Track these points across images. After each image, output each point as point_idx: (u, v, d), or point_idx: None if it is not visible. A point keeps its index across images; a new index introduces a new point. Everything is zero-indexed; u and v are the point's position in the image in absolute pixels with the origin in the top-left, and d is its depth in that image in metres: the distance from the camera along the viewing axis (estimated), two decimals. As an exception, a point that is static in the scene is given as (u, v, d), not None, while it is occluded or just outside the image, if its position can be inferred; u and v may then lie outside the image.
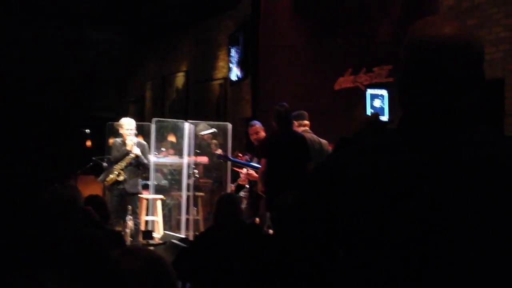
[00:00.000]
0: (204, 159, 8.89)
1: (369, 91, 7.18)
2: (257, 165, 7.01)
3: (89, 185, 9.73)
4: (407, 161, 1.23)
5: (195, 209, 8.93)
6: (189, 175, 8.52)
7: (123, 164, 7.61)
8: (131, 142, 7.59)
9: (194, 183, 8.52)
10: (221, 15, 12.05)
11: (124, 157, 7.64)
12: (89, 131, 9.20)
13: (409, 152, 1.24)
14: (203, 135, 8.52)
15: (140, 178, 7.95)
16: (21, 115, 13.49)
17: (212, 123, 9.30)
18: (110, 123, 9.91)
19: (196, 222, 8.88)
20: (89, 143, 12.92)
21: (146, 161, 7.84)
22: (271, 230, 5.08)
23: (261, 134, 7.25)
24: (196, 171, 8.44)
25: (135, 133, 7.83)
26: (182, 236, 7.87)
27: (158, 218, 8.54)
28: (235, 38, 11.07)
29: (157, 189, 8.83)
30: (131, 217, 7.95)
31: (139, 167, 7.82)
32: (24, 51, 14.76)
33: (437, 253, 1.16)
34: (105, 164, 8.45)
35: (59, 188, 6.27)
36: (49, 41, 15.16)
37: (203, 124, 9.13)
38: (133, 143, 7.61)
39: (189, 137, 8.76)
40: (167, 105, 14.40)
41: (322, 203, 1.28)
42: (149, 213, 8.62)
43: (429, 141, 1.24)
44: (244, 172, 7.59)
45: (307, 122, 6.90)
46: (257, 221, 6.84)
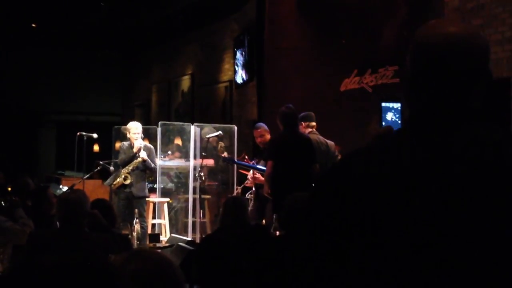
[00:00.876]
0: (210, 162, 8.90)
1: (383, 104, 7.14)
2: (263, 168, 7.01)
3: (96, 189, 9.75)
4: (411, 160, 1.22)
5: (202, 211, 8.93)
6: (195, 178, 8.53)
7: (130, 167, 7.63)
8: (139, 144, 7.62)
9: (200, 185, 8.53)
10: (226, 18, 12.06)
11: (131, 161, 7.66)
12: (96, 136, 9.21)
13: (413, 151, 1.24)
14: (209, 138, 8.52)
15: (146, 181, 7.96)
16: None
17: (218, 125, 9.31)
18: (116, 127, 9.93)
19: (202, 224, 8.88)
20: (96, 148, 12.95)
21: (153, 165, 7.85)
22: (277, 232, 5.08)
23: (266, 136, 7.25)
24: (202, 174, 8.45)
25: (141, 137, 7.86)
26: (189, 239, 7.87)
27: (164, 221, 8.55)
28: (240, 40, 11.08)
29: (164, 192, 8.84)
30: (138, 221, 7.96)
31: (146, 171, 7.84)
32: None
33: (439, 254, 1.15)
34: (112, 168, 8.47)
35: (67, 191, 6.31)
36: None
37: (209, 127, 9.14)
38: (141, 145, 7.63)
39: (195, 140, 8.77)
40: (173, 109, 14.42)
41: (330, 205, 1.28)
42: (156, 216, 8.62)
43: (434, 140, 1.24)
44: (250, 174, 7.59)
45: (314, 123, 6.90)
46: (263, 223, 6.84)
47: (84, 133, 9.02)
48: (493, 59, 6.50)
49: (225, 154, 8.47)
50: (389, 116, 7.07)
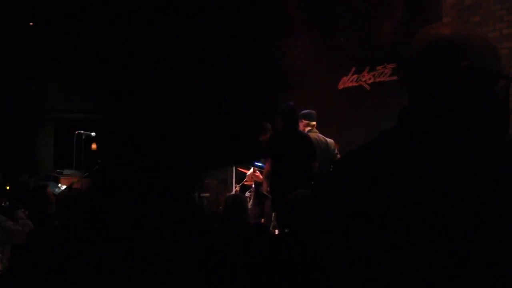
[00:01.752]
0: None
1: None
2: (262, 165, 7.01)
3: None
4: (382, 154, 1.26)
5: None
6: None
7: None
8: None
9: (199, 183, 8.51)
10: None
11: None
12: (94, 134, 9.20)
13: (387, 145, 1.28)
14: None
15: None
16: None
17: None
18: (114, 125, 9.92)
19: (201, 223, 8.87)
20: (94, 146, 12.95)
21: None
22: (276, 230, 5.08)
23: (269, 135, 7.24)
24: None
25: None
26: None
27: (163, 219, 8.54)
28: (238, 38, 11.08)
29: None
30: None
31: None
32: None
33: (394, 245, 1.17)
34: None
35: (65, 190, 6.28)
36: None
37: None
38: None
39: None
40: (171, 107, 14.40)
41: (329, 202, 1.33)
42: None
43: (401, 134, 1.28)
44: (250, 172, 7.60)
45: (314, 122, 6.88)
46: (262, 221, 6.84)
47: (82, 132, 9.01)
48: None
49: None
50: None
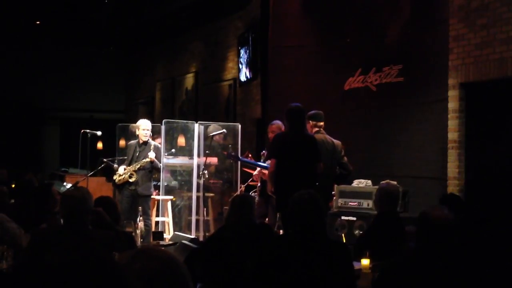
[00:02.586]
0: (213, 160, 8.90)
1: None
2: (267, 165, 7.01)
3: (100, 186, 9.76)
4: None
5: (205, 209, 8.94)
6: (199, 176, 8.53)
7: (137, 166, 7.62)
8: (152, 155, 7.64)
9: (204, 183, 8.53)
10: (230, 16, 12.06)
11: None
12: (100, 133, 9.23)
13: None
14: (213, 135, 8.52)
15: (152, 181, 7.98)
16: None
17: (221, 124, 9.30)
18: (120, 124, 9.94)
19: (206, 222, 8.89)
20: (99, 145, 12.96)
21: (160, 165, 7.91)
22: (281, 231, 5.08)
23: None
24: (206, 172, 8.46)
25: (150, 135, 7.88)
26: (192, 236, 7.87)
27: (168, 219, 8.55)
28: (244, 38, 11.08)
29: (167, 190, 8.84)
30: (141, 218, 7.95)
31: (152, 170, 7.86)
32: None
33: None
34: (116, 165, 8.47)
35: (71, 189, 6.31)
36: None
37: (214, 125, 9.13)
38: (153, 156, 7.66)
39: (199, 138, 8.77)
40: (176, 107, 14.42)
41: None
42: (159, 214, 8.63)
43: None
44: (257, 171, 7.64)
45: (322, 123, 6.87)
46: (267, 221, 6.84)
47: (88, 131, 9.03)
48: (497, 59, 6.50)
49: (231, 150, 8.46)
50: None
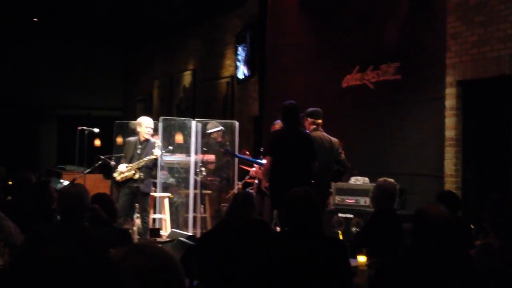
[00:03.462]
0: (211, 157, 8.90)
1: None
2: (263, 162, 7.02)
3: (97, 183, 9.76)
4: None
5: (202, 207, 8.94)
6: (196, 173, 8.53)
7: (141, 163, 7.59)
8: (158, 153, 7.61)
9: (201, 181, 8.52)
10: (229, 13, 12.05)
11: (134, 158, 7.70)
12: (97, 130, 9.21)
13: None
14: (210, 133, 8.51)
15: (152, 178, 7.98)
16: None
17: (219, 121, 9.30)
18: (118, 121, 9.93)
19: (203, 220, 8.89)
20: (97, 142, 12.94)
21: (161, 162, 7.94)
22: (278, 228, 5.08)
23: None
24: (203, 169, 8.45)
25: (151, 133, 7.88)
26: (189, 233, 7.88)
27: (165, 216, 8.55)
28: (242, 36, 11.08)
29: (164, 187, 8.84)
30: (138, 215, 7.96)
31: (153, 168, 7.85)
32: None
33: None
34: (113, 162, 8.46)
35: (67, 186, 6.30)
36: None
37: (213, 122, 9.13)
38: (158, 154, 7.64)
39: (196, 136, 8.77)
40: (174, 104, 14.42)
41: None
42: (157, 211, 8.63)
43: None
44: (254, 169, 7.64)
45: (320, 121, 6.86)
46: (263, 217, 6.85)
47: (85, 128, 9.02)
48: (495, 57, 6.51)
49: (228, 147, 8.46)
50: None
